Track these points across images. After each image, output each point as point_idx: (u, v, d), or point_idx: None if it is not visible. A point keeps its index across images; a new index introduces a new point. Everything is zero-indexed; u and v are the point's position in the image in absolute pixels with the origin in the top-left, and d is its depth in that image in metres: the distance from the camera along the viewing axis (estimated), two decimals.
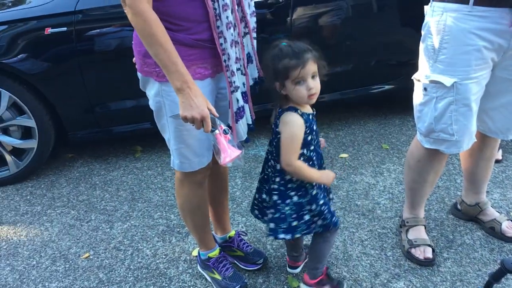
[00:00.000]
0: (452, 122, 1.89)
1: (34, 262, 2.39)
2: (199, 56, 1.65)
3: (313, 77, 1.63)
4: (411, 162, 2.14)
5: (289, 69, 1.61)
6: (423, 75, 1.92)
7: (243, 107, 1.79)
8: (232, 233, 2.27)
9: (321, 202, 1.81)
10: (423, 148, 2.04)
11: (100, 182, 3.06)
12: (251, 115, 1.88)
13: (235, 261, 2.24)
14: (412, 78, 2.00)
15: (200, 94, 1.54)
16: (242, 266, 2.22)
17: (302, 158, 1.74)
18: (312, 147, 1.76)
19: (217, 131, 1.56)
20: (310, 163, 1.77)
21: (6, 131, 3.01)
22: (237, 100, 1.74)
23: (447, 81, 1.83)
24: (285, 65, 1.61)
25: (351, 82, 3.35)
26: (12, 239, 2.58)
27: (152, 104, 1.77)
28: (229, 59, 1.66)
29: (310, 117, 1.73)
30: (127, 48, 2.72)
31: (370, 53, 3.30)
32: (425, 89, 1.92)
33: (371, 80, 3.38)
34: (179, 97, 1.54)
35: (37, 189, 3.03)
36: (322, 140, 1.90)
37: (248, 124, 1.86)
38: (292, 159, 1.70)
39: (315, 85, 1.64)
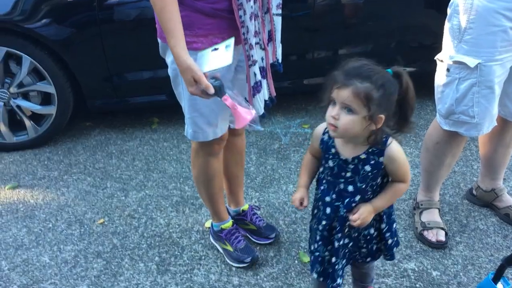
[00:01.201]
0: (473, 104, 1.87)
1: (50, 225, 2.44)
2: (217, 26, 1.64)
3: (346, 109, 1.31)
4: (429, 144, 2.12)
5: (330, 81, 1.36)
6: (446, 55, 1.89)
7: (260, 82, 1.77)
8: (245, 206, 2.29)
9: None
10: (442, 130, 2.02)
11: (117, 151, 3.09)
12: (270, 91, 1.87)
13: (247, 234, 2.26)
14: (435, 58, 1.97)
15: (185, 68, 1.52)
16: (254, 240, 2.24)
17: (321, 174, 1.56)
18: (326, 176, 1.51)
19: (225, 96, 1.53)
20: (321, 187, 1.54)
21: (26, 96, 3.04)
22: (255, 74, 1.73)
23: (471, 62, 1.80)
24: (335, 75, 1.35)
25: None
26: (29, 201, 2.63)
27: (169, 71, 1.78)
28: (247, 32, 1.65)
29: (333, 151, 1.46)
30: (146, 19, 2.73)
31: (392, 34, 3.25)
32: (448, 69, 1.89)
33: (391, 62, 3.33)
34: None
35: (54, 155, 3.07)
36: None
37: (265, 100, 1.86)
38: (308, 148, 1.62)
39: (340, 117, 1.32)
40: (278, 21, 1.82)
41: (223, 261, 2.13)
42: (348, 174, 1.45)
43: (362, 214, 1.44)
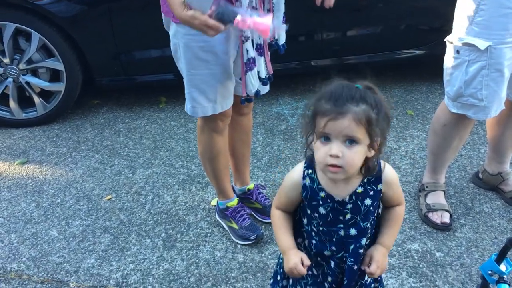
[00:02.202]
0: (482, 87, 1.86)
1: (59, 200, 2.47)
2: None
3: (347, 141, 1.11)
4: (437, 127, 2.12)
5: (316, 114, 1.14)
6: (456, 37, 1.88)
7: (253, 59, 1.75)
8: (251, 185, 2.31)
9: None
10: (450, 113, 2.02)
11: (124, 129, 3.11)
12: (267, 69, 1.84)
13: (252, 213, 2.28)
14: (444, 40, 1.96)
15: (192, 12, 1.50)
16: (259, 218, 2.26)
17: (302, 228, 1.33)
18: (315, 228, 1.28)
19: (237, 18, 1.47)
20: (307, 241, 1.32)
21: (35, 73, 3.06)
22: (247, 51, 1.71)
23: (482, 44, 1.79)
24: (316, 106, 1.14)
25: (380, 45, 3.29)
26: (38, 177, 2.66)
27: (171, 46, 1.80)
28: (241, 6, 1.62)
29: (322, 195, 1.22)
30: None
31: (402, 16, 3.22)
32: (457, 51, 1.88)
33: (400, 44, 3.31)
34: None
35: (63, 132, 3.10)
36: (366, 261, 1.30)
37: (261, 78, 1.83)
38: (274, 203, 1.34)
39: (344, 154, 1.11)
40: (279, 0, 1.79)
41: (229, 238, 2.16)
42: (348, 216, 1.24)
43: (379, 262, 1.27)
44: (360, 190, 1.22)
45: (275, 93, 3.35)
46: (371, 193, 1.23)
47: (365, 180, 1.23)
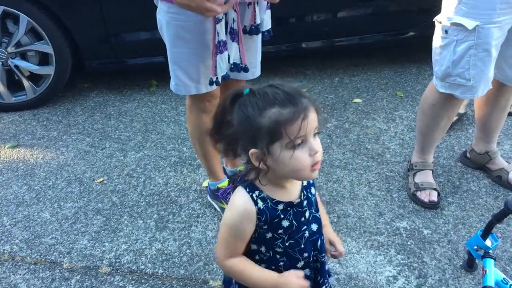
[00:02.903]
0: (469, 67, 1.88)
1: (50, 183, 2.48)
2: None
3: (314, 135, 1.08)
4: (425, 107, 2.14)
5: (281, 124, 1.03)
6: (445, 17, 1.89)
7: (224, 42, 1.71)
8: (241, 167, 2.32)
9: None
10: (438, 93, 2.04)
11: (115, 112, 3.11)
12: (241, 58, 1.79)
13: None
14: (433, 20, 1.97)
15: None
16: None
17: (257, 257, 1.21)
18: (279, 249, 1.19)
19: None
20: (273, 267, 1.20)
21: (24, 56, 3.03)
22: (218, 34, 1.68)
23: (469, 24, 1.80)
24: (275, 118, 1.03)
25: (370, 27, 3.30)
26: (29, 160, 2.66)
27: (157, 21, 1.81)
28: None
29: (280, 207, 1.15)
30: None
31: None
32: (446, 31, 1.89)
33: (390, 26, 3.32)
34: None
35: (53, 116, 3.09)
36: (329, 247, 1.31)
37: (234, 64, 1.78)
38: (222, 254, 1.19)
39: (319, 147, 1.09)
40: None
41: (220, 219, 2.18)
42: (307, 214, 1.20)
43: (339, 241, 1.31)
44: (305, 183, 1.21)
45: (266, 76, 3.33)
46: (310, 180, 1.22)
47: None
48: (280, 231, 1.16)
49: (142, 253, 2.03)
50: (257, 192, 1.14)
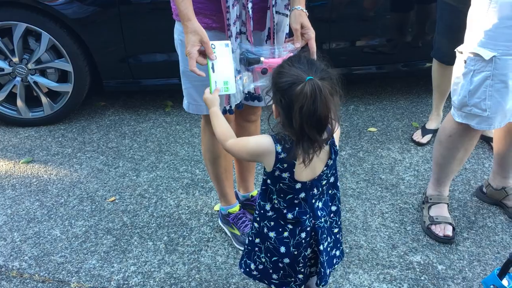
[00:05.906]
0: (486, 97, 1.87)
1: (62, 200, 2.48)
2: (208, 7, 1.68)
3: None
4: (442, 137, 2.12)
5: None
6: (465, 47, 1.89)
7: (239, 71, 1.71)
8: (254, 192, 2.31)
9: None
10: (455, 123, 2.02)
11: (130, 132, 3.13)
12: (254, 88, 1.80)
13: None
14: (455, 50, 1.97)
15: (193, 30, 1.54)
16: None
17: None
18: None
19: (264, 60, 1.57)
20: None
21: (43, 73, 3.08)
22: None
23: (487, 54, 1.80)
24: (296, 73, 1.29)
25: (387, 56, 3.30)
26: (43, 176, 2.67)
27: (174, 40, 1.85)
28: (230, 18, 1.64)
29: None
30: (163, 1, 2.73)
31: (409, 28, 3.24)
32: (465, 61, 1.90)
33: (408, 56, 3.32)
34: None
35: (68, 133, 3.11)
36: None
37: (248, 93, 1.82)
38: (227, 142, 1.49)
39: None
40: (283, 21, 1.78)
41: (230, 244, 2.16)
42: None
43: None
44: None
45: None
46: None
47: None
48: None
49: (150, 275, 2.01)
50: (281, 143, 1.36)
